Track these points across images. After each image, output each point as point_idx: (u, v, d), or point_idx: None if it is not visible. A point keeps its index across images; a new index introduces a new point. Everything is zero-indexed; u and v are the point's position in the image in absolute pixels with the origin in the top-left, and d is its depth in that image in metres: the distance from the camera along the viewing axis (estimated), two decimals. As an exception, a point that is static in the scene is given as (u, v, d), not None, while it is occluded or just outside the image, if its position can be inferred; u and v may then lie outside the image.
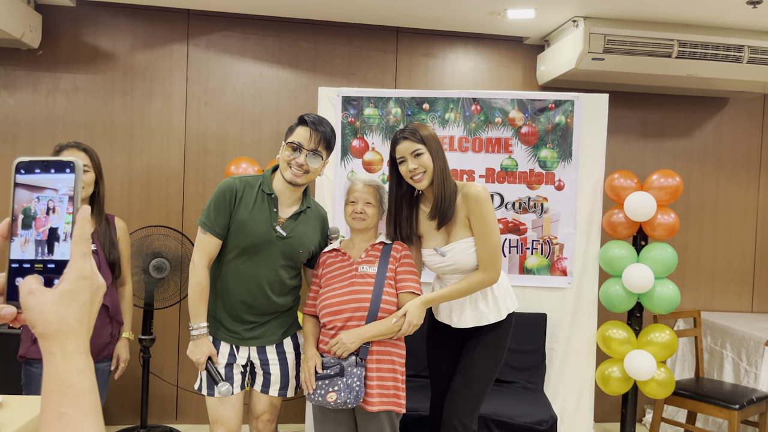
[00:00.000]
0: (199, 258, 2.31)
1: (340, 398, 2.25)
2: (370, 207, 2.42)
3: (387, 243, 2.46)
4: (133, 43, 3.79)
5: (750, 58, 3.47)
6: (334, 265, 2.44)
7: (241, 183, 2.34)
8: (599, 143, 3.38)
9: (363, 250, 2.45)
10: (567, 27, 3.62)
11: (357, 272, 2.38)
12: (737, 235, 4.33)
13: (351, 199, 2.45)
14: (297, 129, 2.32)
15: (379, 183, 2.51)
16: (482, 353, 2.42)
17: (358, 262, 2.41)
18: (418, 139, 2.31)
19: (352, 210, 2.43)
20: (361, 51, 3.96)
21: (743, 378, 3.66)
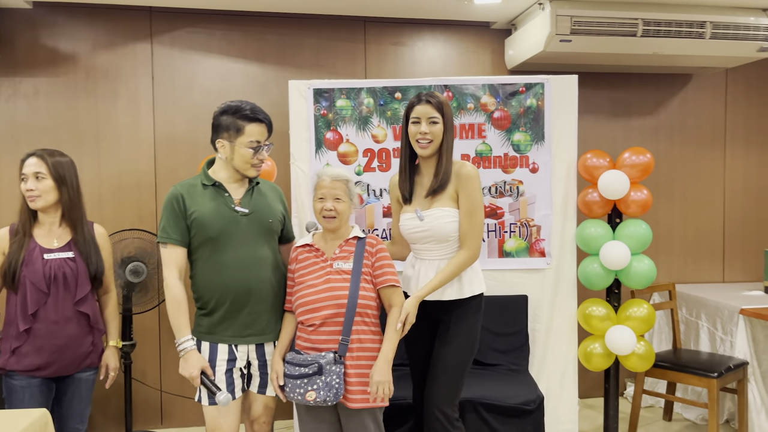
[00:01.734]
0: (168, 273, 2.31)
1: (319, 396, 2.22)
2: (340, 203, 2.35)
3: (361, 237, 2.41)
4: (95, 43, 3.70)
5: (712, 33, 3.53)
6: (308, 261, 2.39)
7: (183, 187, 2.36)
8: (571, 124, 3.42)
9: (337, 246, 2.39)
10: (533, 10, 3.64)
11: (332, 269, 2.34)
12: (706, 208, 4.43)
13: (319, 195, 2.37)
14: (249, 127, 2.30)
15: (348, 176, 2.41)
16: (455, 340, 2.43)
17: (333, 258, 2.37)
18: (437, 107, 2.40)
19: (322, 207, 2.35)
20: (329, 42, 3.92)
21: (719, 346, 3.76)
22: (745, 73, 4.40)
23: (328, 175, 2.38)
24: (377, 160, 3.40)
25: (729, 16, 3.56)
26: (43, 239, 2.49)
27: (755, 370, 3.56)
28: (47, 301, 2.42)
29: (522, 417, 2.94)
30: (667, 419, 3.93)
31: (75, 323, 2.47)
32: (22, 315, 2.41)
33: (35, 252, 2.45)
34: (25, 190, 2.45)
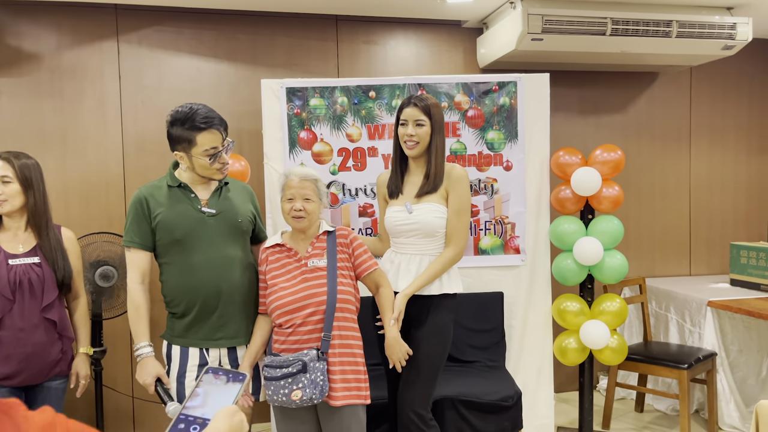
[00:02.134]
0: (130, 276, 2.30)
1: (305, 395, 2.18)
2: (309, 203, 2.31)
3: (330, 230, 2.40)
4: (59, 42, 3.59)
5: (678, 32, 3.61)
6: (280, 262, 2.36)
7: (147, 189, 2.33)
8: (543, 122, 3.45)
9: (309, 244, 2.37)
10: (504, 9, 3.66)
11: (307, 267, 2.32)
12: (673, 203, 4.54)
13: (288, 196, 2.32)
14: (199, 137, 2.22)
15: (317, 175, 2.39)
16: (428, 341, 2.45)
17: (306, 256, 2.34)
18: (424, 110, 2.47)
19: (291, 208, 2.31)
20: (301, 41, 3.89)
21: (688, 338, 3.85)
22: (709, 71, 4.51)
23: (297, 174, 2.35)
24: (352, 160, 3.38)
25: (694, 15, 3.64)
26: (8, 244, 2.42)
27: (723, 360, 3.66)
28: (13, 308, 2.35)
29: (500, 413, 2.97)
30: (639, 410, 4.02)
31: (42, 330, 2.40)
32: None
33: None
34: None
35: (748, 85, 4.61)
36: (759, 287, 3.85)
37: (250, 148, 3.72)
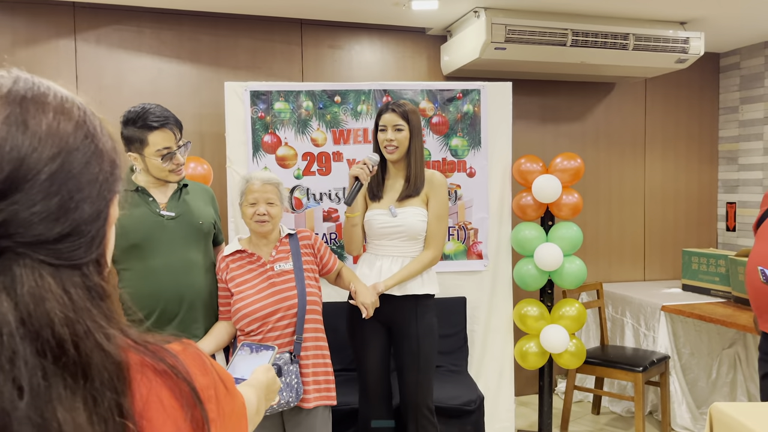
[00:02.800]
0: None
1: (282, 399, 2.17)
2: (273, 207, 2.32)
3: (291, 233, 2.42)
4: (14, 39, 3.48)
5: (635, 45, 3.72)
6: (244, 268, 2.33)
7: None
8: (505, 130, 3.51)
9: (272, 248, 2.37)
10: (468, 18, 3.71)
11: (274, 271, 2.31)
12: (628, 210, 4.67)
13: (250, 200, 2.32)
14: (151, 136, 2.18)
15: (279, 179, 2.42)
16: (424, 343, 2.55)
17: (271, 260, 2.34)
18: (402, 116, 2.55)
19: (254, 212, 2.30)
20: (265, 44, 3.86)
21: (643, 342, 3.97)
22: (663, 83, 4.67)
23: (259, 179, 2.35)
24: (317, 164, 3.37)
25: (650, 29, 3.76)
26: None
27: (676, 363, 3.78)
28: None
29: (463, 417, 2.99)
30: (596, 413, 4.11)
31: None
32: None
33: None
34: None
35: (699, 96, 4.78)
36: (709, 292, 4.00)
37: (212, 152, 3.67)
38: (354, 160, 3.37)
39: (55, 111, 0.55)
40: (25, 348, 0.49)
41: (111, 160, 0.60)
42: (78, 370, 0.51)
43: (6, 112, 0.53)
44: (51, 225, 0.53)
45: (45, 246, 0.53)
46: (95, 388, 0.52)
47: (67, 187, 0.54)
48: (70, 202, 0.55)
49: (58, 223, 0.54)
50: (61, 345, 0.50)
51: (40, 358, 0.49)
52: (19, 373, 0.48)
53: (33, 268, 0.52)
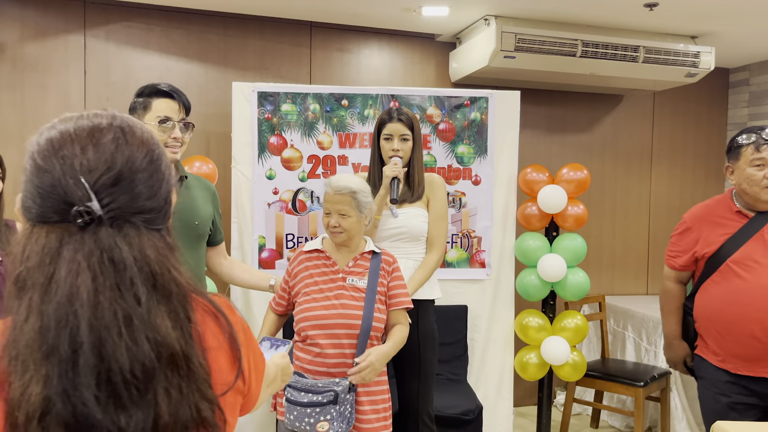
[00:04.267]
0: None
1: (332, 428, 2.04)
2: (345, 219, 2.17)
3: (376, 252, 2.27)
4: (22, 33, 3.48)
5: (645, 57, 3.71)
6: (317, 269, 2.21)
7: None
8: (512, 139, 3.50)
9: (351, 259, 2.24)
10: (479, 25, 3.70)
11: (345, 284, 2.19)
12: (633, 223, 4.64)
13: (325, 210, 2.22)
14: (156, 102, 2.07)
15: (355, 187, 2.20)
16: (425, 349, 2.53)
17: (346, 271, 2.21)
18: (409, 126, 2.54)
19: (328, 223, 2.20)
20: (274, 45, 3.86)
21: (644, 356, 3.93)
22: (671, 97, 4.65)
23: (333, 187, 2.20)
24: (322, 167, 3.36)
25: (661, 42, 3.75)
26: None
27: (677, 379, 3.74)
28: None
29: (461, 427, 2.97)
30: (594, 426, 4.08)
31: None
32: None
33: None
34: None
35: (707, 111, 4.76)
36: (712, 308, 3.96)
37: (217, 151, 3.66)
38: (359, 164, 3.35)
39: (141, 132, 0.86)
40: (138, 276, 0.78)
41: (167, 164, 0.88)
42: (165, 293, 0.79)
43: (114, 134, 0.82)
44: (146, 202, 0.82)
45: (142, 215, 0.81)
46: (174, 305, 0.80)
47: (154, 178, 0.84)
48: (155, 188, 0.84)
49: (150, 201, 0.83)
50: (155, 276, 0.79)
51: (146, 283, 0.78)
52: (137, 290, 0.77)
53: (137, 229, 0.80)
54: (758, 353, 2.25)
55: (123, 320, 0.75)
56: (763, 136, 2.29)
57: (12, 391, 0.71)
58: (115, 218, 0.78)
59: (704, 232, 2.41)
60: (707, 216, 2.45)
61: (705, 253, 2.39)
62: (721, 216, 2.40)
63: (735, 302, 2.28)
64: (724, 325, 2.31)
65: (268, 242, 3.33)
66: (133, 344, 0.74)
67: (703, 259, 2.41)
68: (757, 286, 2.24)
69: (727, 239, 2.33)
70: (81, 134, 0.80)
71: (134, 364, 0.74)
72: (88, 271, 0.75)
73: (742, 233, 2.31)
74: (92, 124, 0.82)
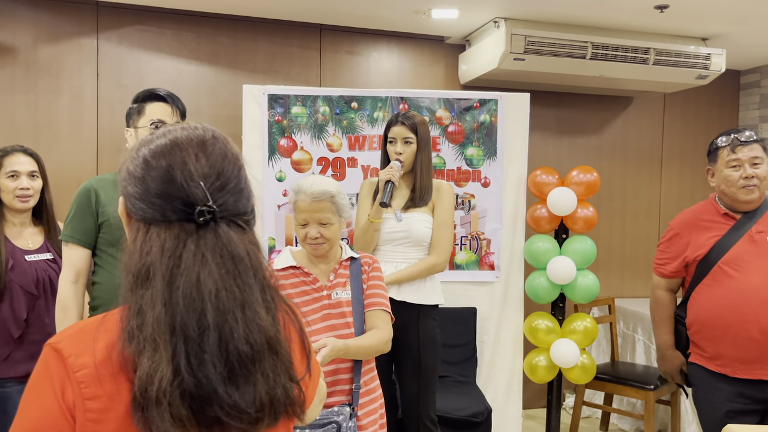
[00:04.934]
0: (63, 273, 2.06)
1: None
2: (328, 227, 1.90)
3: (354, 257, 2.03)
4: (36, 36, 3.52)
5: (655, 59, 3.70)
6: (296, 289, 1.94)
7: (97, 182, 2.13)
8: (522, 141, 3.50)
9: (330, 270, 1.99)
10: (488, 27, 3.71)
11: (330, 300, 1.94)
12: (643, 225, 4.62)
13: (300, 221, 1.92)
14: (150, 107, 2.07)
15: (333, 190, 1.93)
16: (426, 353, 2.51)
17: (328, 286, 1.96)
18: (412, 128, 2.53)
19: (306, 235, 1.91)
20: (283, 48, 3.88)
21: (654, 359, 3.91)
22: (682, 99, 4.63)
23: (308, 194, 1.90)
24: (332, 169, 3.37)
25: (671, 44, 3.73)
26: (18, 240, 2.42)
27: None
28: (36, 304, 2.35)
29: (470, 429, 2.97)
30: (604, 429, 4.06)
31: None
32: (14, 321, 2.31)
33: (16, 254, 2.37)
34: (17, 189, 2.38)
35: (718, 114, 4.73)
36: (723, 311, 3.93)
37: (228, 153, 3.68)
38: (369, 166, 3.37)
39: (233, 145, 0.98)
40: (249, 268, 0.89)
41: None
42: (261, 285, 0.90)
43: (219, 145, 0.94)
44: (243, 205, 0.92)
45: (242, 216, 0.91)
46: (267, 296, 0.90)
47: (245, 185, 0.93)
48: (248, 193, 0.93)
49: (245, 204, 0.92)
50: (255, 269, 0.89)
51: (252, 275, 0.89)
52: (249, 280, 0.88)
53: (241, 228, 0.91)
54: (756, 354, 2.21)
55: (240, 306, 0.85)
56: (740, 138, 2.31)
57: (141, 369, 0.79)
58: (224, 218, 0.89)
59: (693, 237, 2.40)
60: (694, 221, 2.44)
61: (696, 256, 2.37)
62: (708, 220, 2.40)
63: (729, 304, 2.25)
64: (721, 327, 2.28)
65: (278, 244, 3.34)
66: (246, 328, 0.84)
67: (694, 263, 2.39)
68: (750, 285, 2.22)
69: (717, 241, 2.33)
70: (192, 144, 0.91)
71: (247, 345, 0.84)
72: (212, 262, 0.85)
73: (730, 235, 2.32)
74: (197, 135, 0.94)
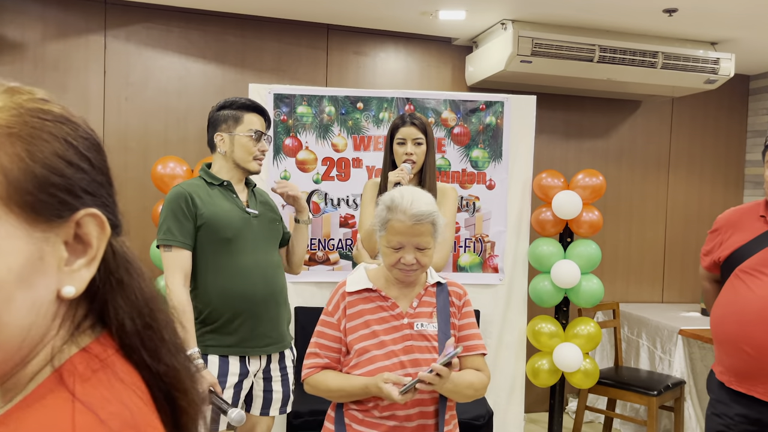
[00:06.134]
0: (172, 279, 2.06)
1: None
2: (424, 253, 1.66)
3: (441, 282, 1.79)
4: (44, 32, 3.53)
5: (664, 63, 3.67)
6: (375, 316, 1.70)
7: (189, 186, 2.18)
8: (528, 144, 3.48)
9: (414, 296, 1.74)
10: (495, 29, 3.70)
11: (412, 330, 1.68)
12: (649, 230, 4.60)
13: (394, 243, 1.64)
14: (247, 117, 2.23)
15: (433, 209, 1.66)
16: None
17: (411, 314, 1.71)
18: (422, 129, 2.54)
19: (399, 260, 1.65)
20: (291, 47, 3.88)
21: (658, 365, 3.89)
22: (690, 104, 4.60)
23: (408, 214, 1.61)
24: (336, 170, 3.37)
25: (680, 48, 3.71)
26: None
27: (691, 388, 3.70)
28: None
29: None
30: (607, 435, 4.04)
31: None
32: None
33: None
34: None
35: (727, 119, 4.70)
36: (729, 318, 3.90)
37: (233, 152, 3.68)
38: (373, 167, 3.36)
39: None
40: None
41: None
42: None
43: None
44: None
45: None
46: None
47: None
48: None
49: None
50: None
51: None
52: None
53: None
54: (748, 368, 2.11)
55: None
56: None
57: None
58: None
59: (728, 236, 2.27)
60: (736, 219, 2.28)
61: (720, 257, 2.28)
62: (748, 220, 2.23)
63: (733, 312, 2.16)
64: (720, 335, 2.22)
65: (281, 243, 3.34)
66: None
67: (719, 264, 2.31)
68: (755, 297, 2.10)
69: (742, 245, 2.19)
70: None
71: None
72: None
73: (759, 240, 2.16)
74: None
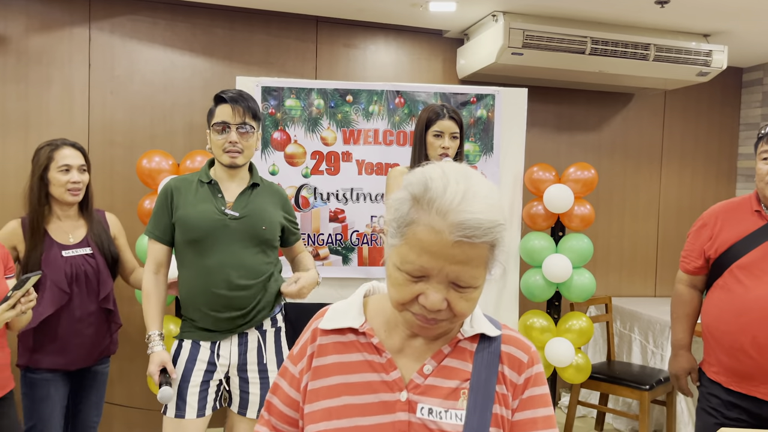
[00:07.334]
0: (146, 265, 2.25)
1: None
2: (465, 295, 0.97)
3: (488, 335, 1.06)
4: (27, 25, 3.46)
5: (656, 56, 3.64)
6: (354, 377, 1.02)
7: (179, 181, 2.23)
8: (519, 137, 3.45)
9: (429, 353, 1.04)
10: (486, 21, 3.65)
11: (415, 418, 0.98)
12: (642, 224, 4.58)
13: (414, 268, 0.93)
14: (217, 109, 2.18)
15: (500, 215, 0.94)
16: None
17: (416, 385, 1.01)
18: (459, 124, 2.57)
19: (416, 298, 0.96)
20: (279, 40, 3.82)
21: (650, 359, 3.88)
22: (683, 96, 4.57)
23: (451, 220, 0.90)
24: (326, 163, 3.33)
25: (672, 40, 3.68)
26: (58, 234, 2.41)
27: (683, 383, 3.68)
28: (69, 300, 2.37)
29: (462, 428, 2.92)
30: (599, 429, 4.02)
31: (98, 320, 2.46)
32: (36, 317, 2.32)
33: (53, 249, 2.36)
34: (68, 182, 2.39)
35: (719, 111, 4.68)
36: (721, 312, 3.89)
37: (221, 146, 3.63)
38: (363, 161, 3.32)
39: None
40: None
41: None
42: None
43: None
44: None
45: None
46: None
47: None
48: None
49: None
50: None
51: None
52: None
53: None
54: (749, 369, 2.06)
55: None
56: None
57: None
58: None
59: (719, 231, 2.19)
60: (727, 213, 2.20)
61: (712, 254, 2.21)
62: (740, 214, 2.15)
63: (731, 311, 2.09)
64: (717, 335, 2.15)
65: (270, 238, 3.30)
66: None
67: (711, 261, 2.23)
68: (754, 296, 2.05)
69: (737, 241, 2.12)
70: None
71: None
72: None
73: (754, 236, 2.09)
74: None
